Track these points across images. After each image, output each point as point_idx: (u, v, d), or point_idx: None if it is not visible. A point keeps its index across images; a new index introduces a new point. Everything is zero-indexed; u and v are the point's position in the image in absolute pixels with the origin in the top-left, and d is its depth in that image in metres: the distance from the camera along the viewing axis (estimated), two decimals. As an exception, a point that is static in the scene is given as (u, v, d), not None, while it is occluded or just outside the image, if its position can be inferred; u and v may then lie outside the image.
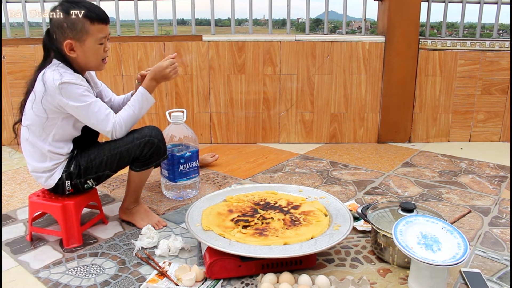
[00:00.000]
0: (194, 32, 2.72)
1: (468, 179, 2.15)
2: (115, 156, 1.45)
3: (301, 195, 1.62)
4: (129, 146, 1.44)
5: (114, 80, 2.68)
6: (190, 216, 1.43)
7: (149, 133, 1.46)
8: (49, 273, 1.31)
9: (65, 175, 1.44)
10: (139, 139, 1.45)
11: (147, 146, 1.46)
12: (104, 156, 1.45)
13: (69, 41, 1.35)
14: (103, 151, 1.45)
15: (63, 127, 1.42)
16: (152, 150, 1.48)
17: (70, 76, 1.36)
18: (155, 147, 1.48)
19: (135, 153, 1.45)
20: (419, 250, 1.17)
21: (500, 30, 2.88)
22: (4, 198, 1.89)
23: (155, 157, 1.52)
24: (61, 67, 1.37)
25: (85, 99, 1.37)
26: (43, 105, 1.37)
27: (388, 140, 2.82)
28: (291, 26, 2.83)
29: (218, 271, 1.24)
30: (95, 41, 1.38)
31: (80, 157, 1.46)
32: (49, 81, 1.34)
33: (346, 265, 1.34)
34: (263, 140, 2.82)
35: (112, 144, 1.45)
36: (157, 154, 1.51)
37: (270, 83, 2.71)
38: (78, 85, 1.36)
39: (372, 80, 2.72)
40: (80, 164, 1.45)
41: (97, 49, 1.40)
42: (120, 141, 1.45)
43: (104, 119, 1.42)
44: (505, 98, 2.80)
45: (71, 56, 1.38)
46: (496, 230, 1.60)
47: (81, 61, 1.41)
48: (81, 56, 1.39)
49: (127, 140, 1.45)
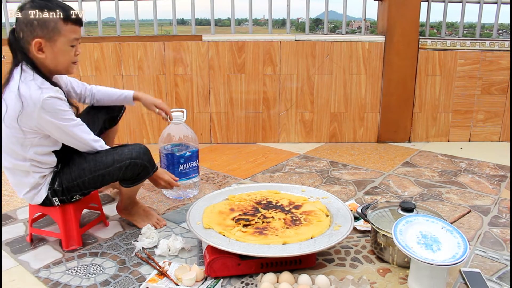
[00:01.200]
0: (194, 32, 2.72)
1: (468, 179, 2.15)
2: (97, 178, 1.37)
3: (304, 195, 1.62)
4: (109, 169, 1.36)
5: (114, 80, 2.68)
6: (191, 214, 1.44)
7: (129, 154, 1.36)
8: (49, 272, 1.31)
9: (50, 193, 1.38)
10: (119, 162, 1.35)
11: (130, 169, 1.37)
12: (86, 177, 1.37)
13: (38, 40, 1.24)
14: (84, 172, 1.37)
15: (41, 144, 1.32)
16: (138, 171, 1.40)
17: (50, 91, 1.26)
18: (138, 168, 1.39)
19: (117, 176, 1.38)
20: (419, 249, 1.17)
21: (500, 30, 2.88)
22: (4, 198, 1.89)
23: (143, 175, 1.45)
24: (35, 79, 1.25)
25: (68, 117, 1.30)
26: (19, 123, 1.25)
27: (388, 140, 2.82)
28: (291, 26, 2.83)
29: (217, 269, 1.24)
30: (66, 42, 1.28)
31: (63, 173, 1.38)
32: (27, 98, 1.22)
33: (346, 265, 1.34)
34: (263, 140, 2.82)
35: (92, 165, 1.36)
36: (144, 172, 1.43)
37: (270, 83, 2.71)
38: (61, 100, 1.28)
39: (372, 80, 2.72)
40: (62, 183, 1.37)
41: (68, 51, 1.30)
42: (100, 163, 1.36)
43: (91, 142, 1.37)
44: (505, 98, 2.80)
45: (39, 56, 1.27)
46: (495, 229, 1.60)
47: (50, 63, 1.29)
48: (50, 57, 1.28)
49: (107, 162, 1.36)
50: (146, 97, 1.67)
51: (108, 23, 2.95)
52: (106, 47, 2.62)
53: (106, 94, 1.65)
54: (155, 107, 1.66)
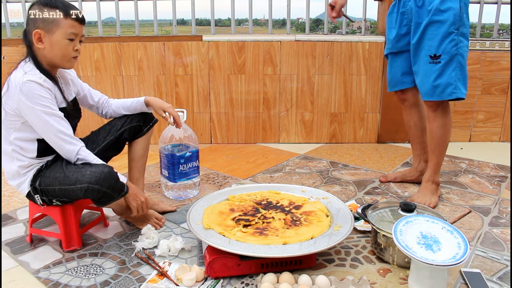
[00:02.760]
0: (194, 32, 2.72)
1: (468, 179, 2.14)
2: (65, 192, 1.34)
3: (304, 195, 1.62)
4: (73, 187, 1.32)
5: (114, 80, 2.68)
6: (191, 214, 1.44)
7: (88, 178, 1.29)
8: (49, 273, 1.31)
9: (32, 189, 1.38)
10: (80, 183, 1.30)
11: (89, 193, 1.31)
12: (56, 187, 1.35)
13: (38, 31, 1.31)
14: (55, 181, 1.34)
15: (22, 130, 1.35)
16: (98, 196, 1.33)
17: (34, 76, 1.31)
18: (97, 193, 1.31)
19: (80, 195, 1.33)
20: (419, 250, 1.17)
21: (500, 30, 2.88)
22: (4, 198, 1.89)
23: (105, 201, 1.37)
24: (27, 66, 1.34)
25: (45, 104, 1.30)
26: (3, 104, 1.33)
27: (388, 140, 2.82)
28: (291, 26, 2.83)
29: (217, 269, 1.24)
30: (64, 35, 1.33)
31: (43, 174, 1.38)
32: (12, 81, 1.31)
33: (346, 265, 1.34)
34: (263, 140, 2.82)
35: (61, 178, 1.34)
36: (106, 198, 1.35)
37: (270, 83, 2.71)
38: (41, 86, 1.31)
39: (372, 80, 2.72)
40: (41, 184, 1.37)
41: (65, 44, 1.34)
42: (67, 178, 1.32)
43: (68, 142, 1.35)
44: (505, 98, 2.80)
45: (39, 47, 1.33)
46: (496, 230, 1.60)
47: (47, 54, 1.35)
48: (48, 48, 1.34)
49: (72, 179, 1.32)
50: (155, 101, 1.64)
51: (108, 23, 2.95)
52: (106, 47, 2.62)
53: (121, 102, 1.65)
54: (162, 112, 1.63)
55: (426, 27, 1.68)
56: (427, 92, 1.73)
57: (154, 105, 1.63)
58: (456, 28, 1.65)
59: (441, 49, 1.66)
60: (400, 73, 1.89)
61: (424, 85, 1.74)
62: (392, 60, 1.91)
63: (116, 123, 1.61)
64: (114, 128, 1.60)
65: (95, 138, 1.60)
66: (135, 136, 1.63)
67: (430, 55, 1.69)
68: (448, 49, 1.66)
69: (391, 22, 1.87)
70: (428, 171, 1.84)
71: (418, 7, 1.71)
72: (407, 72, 1.87)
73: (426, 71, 1.71)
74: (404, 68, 1.87)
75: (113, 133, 1.59)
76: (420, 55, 1.73)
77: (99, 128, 1.62)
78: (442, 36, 1.66)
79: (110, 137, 1.59)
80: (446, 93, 1.70)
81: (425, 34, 1.69)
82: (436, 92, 1.71)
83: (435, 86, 1.70)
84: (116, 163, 1.77)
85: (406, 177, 2.05)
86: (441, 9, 1.64)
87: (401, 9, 1.79)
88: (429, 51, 1.69)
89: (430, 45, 1.68)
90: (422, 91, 1.76)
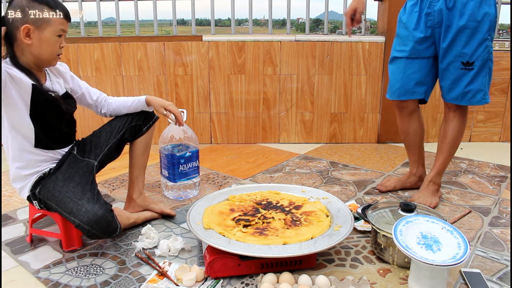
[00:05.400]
0: (194, 32, 2.72)
1: (468, 179, 2.15)
2: (60, 213, 1.35)
3: (304, 196, 1.62)
4: (66, 215, 1.32)
5: (114, 80, 2.68)
6: (191, 214, 1.44)
7: (81, 216, 1.28)
8: (49, 273, 1.31)
9: (31, 195, 1.39)
10: (74, 216, 1.30)
11: (80, 229, 1.31)
12: (53, 205, 1.35)
13: (27, 26, 1.28)
14: (53, 199, 1.35)
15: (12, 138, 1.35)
16: (89, 234, 1.31)
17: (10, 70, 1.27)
18: (86, 232, 1.30)
19: (73, 225, 1.33)
20: (419, 250, 1.17)
21: (500, 30, 2.88)
22: (4, 198, 1.89)
23: (98, 238, 1.37)
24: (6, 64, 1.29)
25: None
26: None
27: (388, 140, 2.82)
28: (291, 26, 2.83)
29: (217, 269, 1.24)
30: (54, 32, 1.32)
31: (45, 184, 1.38)
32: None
33: (346, 265, 1.34)
34: (263, 140, 2.82)
35: (59, 199, 1.34)
36: (97, 237, 1.34)
37: (270, 83, 2.71)
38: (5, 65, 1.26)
39: (372, 80, 2.72)
40: (41, 193, 1.38)
41: (54, 41, 1.34)
42: (64, 203, 1.32)
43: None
44: (505, 98, 2.80)
45: (26, 42, 1.30)
46: (496, 230, 1.60)
47: (34, 50, 1.32)
48: (36, 44, 1.31)
49: (67, 207, 1.31)
50: (156, 99, 1.63)
51: (108, 23, 2.96)
52: (106, 48, 2.63)
53: (121, 101, 1.63)
54: (163, 109, 1.62)
55: (459, 31, 1.61)
56: (457, 97, 1.69)
57: (155, 104, 1.62)
58: (489, 34, 1.61)
59: (475, 56, 1.62)
60: (413, 82, 1.75)
61: (453, 90, 1.69)
62: (407, 65, 1.74)
63: (116, 124, 1.61)
64: (115, 130, 1.59)
65: (98, 141, 1.57)
66: (135, 136, 1.63)
67: (463, 62, 1.63)
68: (482, 56, 1.62)
69: (410, 23, 1.71)
70: (432, 171, 1.82)
71: (448, 9, 1.61)
72: (421, 82, 1.75)
73: (458, 76, 1.66)
74: (420, 77, 1.74)
75: (115, 135, 1.58)
76: (449, 59, 1.66)
77: (100, 128, 1.62)
78: (477, 44, 1.60)
79: (112, 139, 1.57)
80: (476, 99, 1.67)
81: (457, 39, 1.62)
82: (466, 97, 1.67)
83: (466, 92, 1.66)
84: (117, 163, 1.78)
85: (405, 184, 1.97)
86: (478, 16, 1.58)
87: (426, 10, 1.66)
88: (462, 58, 1.63)
89: (464, 52, 1.62)
90: (451, 95, 1.70)
